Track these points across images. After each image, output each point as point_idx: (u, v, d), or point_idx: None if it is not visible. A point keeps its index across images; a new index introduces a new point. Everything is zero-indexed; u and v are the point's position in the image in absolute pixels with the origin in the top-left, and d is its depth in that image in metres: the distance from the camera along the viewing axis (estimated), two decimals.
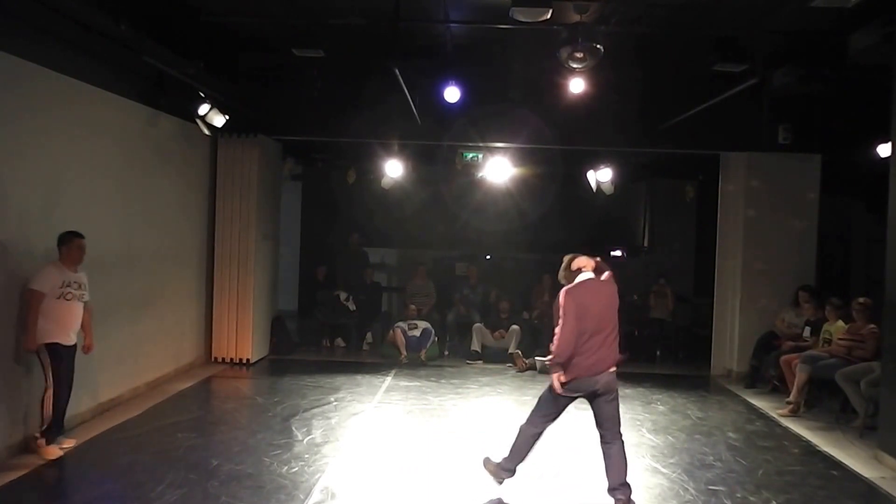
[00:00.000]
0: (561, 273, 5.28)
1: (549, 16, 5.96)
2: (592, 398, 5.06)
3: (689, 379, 9.67)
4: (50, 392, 5.63)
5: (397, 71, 7.31)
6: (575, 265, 5.24)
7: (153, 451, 5.93)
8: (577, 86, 7.56)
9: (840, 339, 7.71)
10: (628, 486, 4.98)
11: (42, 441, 5.60)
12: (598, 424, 5.09)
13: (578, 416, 5.59)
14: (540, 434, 5.20)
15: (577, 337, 4.91)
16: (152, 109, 7.79)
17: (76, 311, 5.80)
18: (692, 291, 12.45)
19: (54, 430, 5.68)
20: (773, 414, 7.77)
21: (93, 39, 6.31)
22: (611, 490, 4.98)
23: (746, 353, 9.41)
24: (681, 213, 13.04)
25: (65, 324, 5.69)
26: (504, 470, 5.22)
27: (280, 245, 11.01)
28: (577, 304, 4.97)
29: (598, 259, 5.33)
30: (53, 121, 6.08)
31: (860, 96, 8.39)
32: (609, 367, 5.07)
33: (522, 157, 10.69)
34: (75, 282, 5.77)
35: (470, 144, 9.97)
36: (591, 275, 5.20)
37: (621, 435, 5.08)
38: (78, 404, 6.50)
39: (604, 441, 5.07)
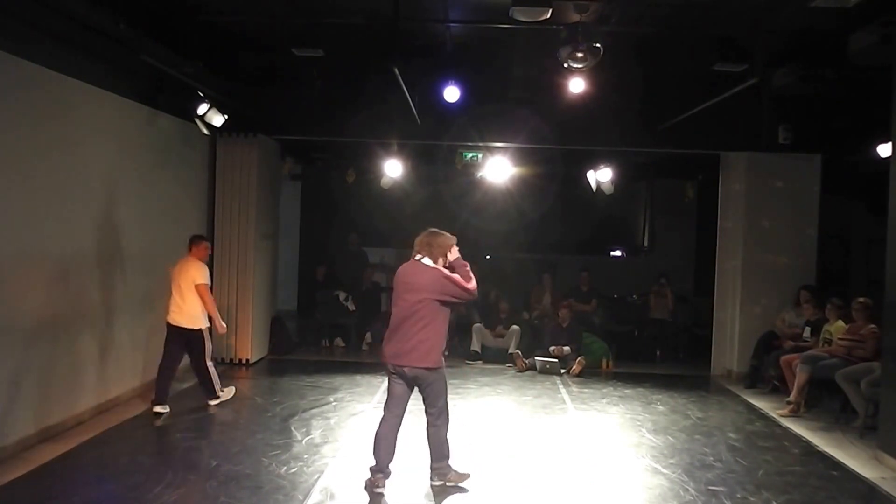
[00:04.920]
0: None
1: (548, 15, 5.94)
2: None
3: (689, 379, 9.66)
4: (208, 357, 7.17)
5: (397, 71, 7.29)
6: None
7: (151, 451, 5.93)
8: (576, 85, 7.57)
9: (840, 339, 7.70)
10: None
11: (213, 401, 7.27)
12: None
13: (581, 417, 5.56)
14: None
15: None
16: (151, 109, 7.78)
17: None
18: (692, 291, 12.45)
19: (213, 386, 7.28)
20: (774, 414, 7.76)
21: (91, 39, 6.29)
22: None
23: (746, 353, 9.40)
24: (681, 213, 13.04)
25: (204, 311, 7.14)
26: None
27: (279, 245, 10.99)
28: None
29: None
30: (51, 120, 6.06)
31: (860, 96, 8.38)
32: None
33: (522, 157, 10.68)
34: None
35: (470, 144, 9.96)
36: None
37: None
38: (77, 404, 6.51)
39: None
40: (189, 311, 7.05)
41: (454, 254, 5.46)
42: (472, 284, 5.31)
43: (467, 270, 5.35)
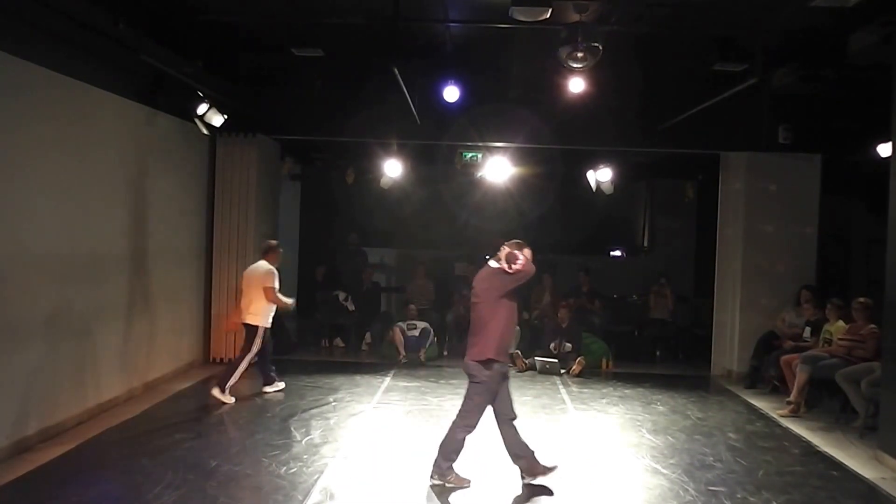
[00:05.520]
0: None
1: (548, 15, 5.95)
2: None
3: (689, 379, 9.66)
4: (249, 358, 7.73)
5: (396, 70, 7.29)
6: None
7: (151, 451, 5.91)
8: (576, 85, 7.56)
9: (840, 339, 7.69)
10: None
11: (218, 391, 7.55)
12: None
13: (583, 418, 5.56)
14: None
15: None
16: (151, 109, 7.77)
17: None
18: (692, 291, 12.44)
19: (230, 381, 7.61)
20: (774, 414, 7.75)
21: (91, 38, 6.29)
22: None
23: (746, 353, 9.40)
24: (681, 213, 13.04)
25: (271, 312, 7.91)
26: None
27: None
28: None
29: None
30: (50, 120, 6.06)
31: (860, 96, 8.39)
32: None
33: (522, 157, 10.68)
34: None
35: (469, 144, 9.96)
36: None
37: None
38: (76, 405, 6.50)
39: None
40: (253, 309, 7.79)
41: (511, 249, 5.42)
42: (518, 264, 5.26)
43: (514, 254, 5.30)
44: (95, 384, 6.84)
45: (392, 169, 10.57)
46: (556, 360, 9.79)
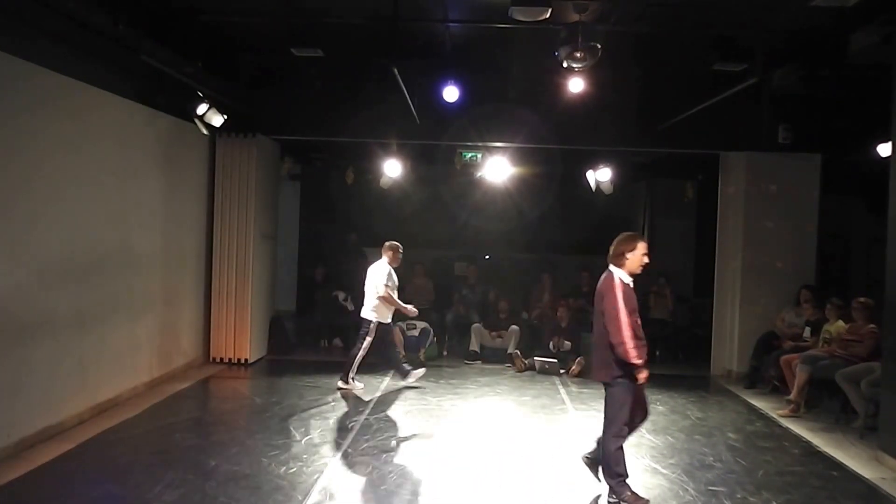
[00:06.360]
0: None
1: (548, 15, 5.95)
2: None
3: (688, 379, 9.65)
4: (362, 350, 8.27)
5: (396, 71, 7.29)
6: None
7: (151, 451, 5.92)
8: (576, 85, 7.56)
9: (840, 339, 7.69)
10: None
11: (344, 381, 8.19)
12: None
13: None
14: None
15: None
16: (150, 109, 7.77)
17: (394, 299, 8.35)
18: (692, 291, 12.42)
19: (350, 372, 8.27)
20: (773, 414, 7.75)
21: (91, 39, 6.27)
22: None
23: (746, 353, 9.40)
24: (681, 213, 13.02)
25: (389, 309, 8.43)
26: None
27: (278, 245, 10.98)
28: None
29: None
30: (51, 120, 6.06)
31: (860, 96, 8.38)
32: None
33: (522, 157, 10.67)
34: (397, 278, 8.46)
35: (469, 144, 9.95)
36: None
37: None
38: (76, 404, 6.50)
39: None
40: (368, 305, 8.48)
41: (637, 257, 5.11)
42: (619, 336, 4.89)
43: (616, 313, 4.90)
44: (96, 384, 6.84)
45: (392, 169, 10.57)
46: (555, 360, 9.79)
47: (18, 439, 5.70)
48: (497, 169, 10.41)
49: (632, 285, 5.08)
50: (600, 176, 10.89)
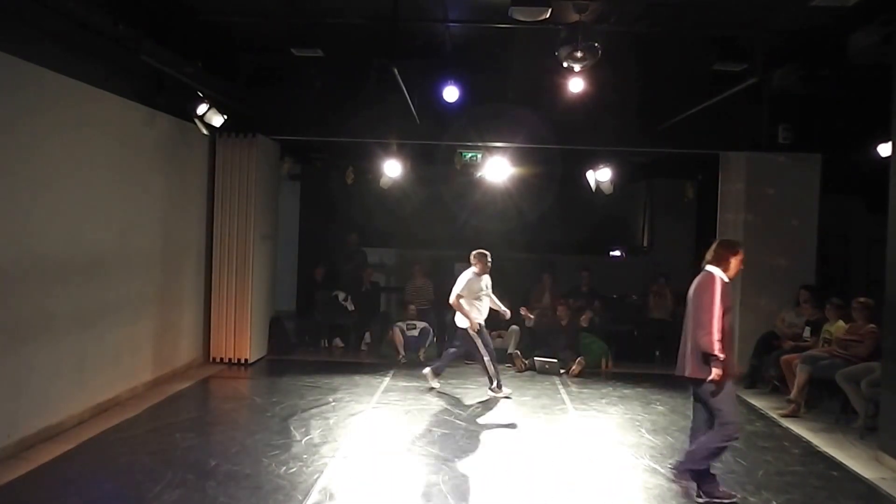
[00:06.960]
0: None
1: (548, 15, 5.95)
2: None
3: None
4: (486, 357, 8.24)
5: (396, 71, 7.29)
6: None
7: (151, 451, 5.91)
8: (576, 85, 7.55)
9: (840, 339, 7.69)
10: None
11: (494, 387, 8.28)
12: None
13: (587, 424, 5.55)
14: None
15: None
16: (150, 109, 7.77)
17: (485, 305, 8.55)
18: None
19: (493, 383, 8.29)
20: (774, 414, 7.75)
21: (90, 39, 6.28)
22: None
23: (746, 353, 9.38)
24: (681, 213, 13.02)
25: (480, 312, 8.46)
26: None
27: (278, 245, 10.99)
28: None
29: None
30: (51, 120, 6.06)
31: (860, 96, 8.38)
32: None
33: (521, 157, 10.67)
34: (487, 285, 8.54)
35: (469, 144, 9.95)
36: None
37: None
38: (76, 404, 6.50)
39: None
40: (457, 316, 8.50)
41: (738, 262, 5.21)
42: (708, 327, 4.95)
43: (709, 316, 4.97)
44: (95, 384, 6.84)
45: (391, 169, 10.56)
46: (555, 360, 9.79)
47: (18, 439, 5.70)
48: (497, 169, 10.41)
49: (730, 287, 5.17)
50: (600, 176, 10.89)
